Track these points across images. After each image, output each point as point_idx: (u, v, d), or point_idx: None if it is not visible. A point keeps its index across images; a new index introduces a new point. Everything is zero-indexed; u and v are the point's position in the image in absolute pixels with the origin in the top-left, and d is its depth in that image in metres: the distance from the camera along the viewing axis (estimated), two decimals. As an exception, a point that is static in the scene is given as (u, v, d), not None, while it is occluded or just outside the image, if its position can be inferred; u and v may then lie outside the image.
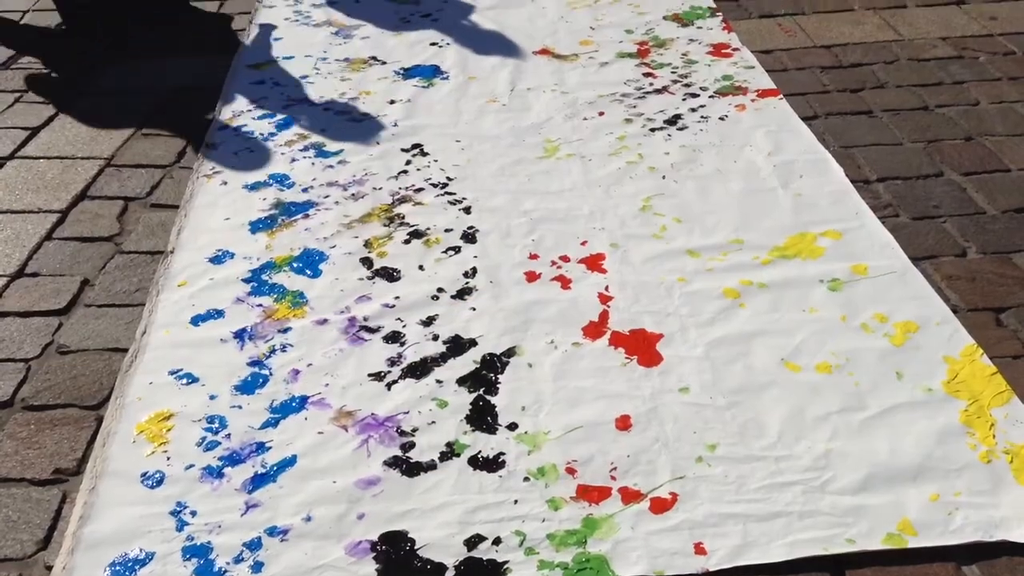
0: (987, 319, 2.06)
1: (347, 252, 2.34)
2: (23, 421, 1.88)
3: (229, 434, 1.83)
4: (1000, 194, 2.48)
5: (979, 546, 1.57)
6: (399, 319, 2.11)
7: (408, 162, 2.72)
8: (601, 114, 2.93)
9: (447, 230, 2.40)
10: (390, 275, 2.25)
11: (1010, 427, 1.78)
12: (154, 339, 2.06)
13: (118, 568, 1.58)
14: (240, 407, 1.89)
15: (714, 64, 3.20)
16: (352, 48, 3.45)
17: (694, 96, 3.00)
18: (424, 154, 2.76)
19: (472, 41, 3.47)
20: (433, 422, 1.84)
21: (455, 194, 2.55)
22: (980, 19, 3.48)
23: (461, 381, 1.94)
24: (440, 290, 2.19)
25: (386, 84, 3.18)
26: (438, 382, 1.94)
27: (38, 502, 1.71)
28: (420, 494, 1.69)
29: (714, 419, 1.82)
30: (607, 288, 2.18)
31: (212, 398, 1.91)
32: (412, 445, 1.79)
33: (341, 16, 3.72)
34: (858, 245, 2.28)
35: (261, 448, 1.79)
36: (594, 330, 2.06)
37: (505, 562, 1.57)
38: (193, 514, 1.66)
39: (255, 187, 2.62)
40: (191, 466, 1.76)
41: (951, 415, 1.81)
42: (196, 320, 2.12)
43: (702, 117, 2.88)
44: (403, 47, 3.44)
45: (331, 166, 2.71)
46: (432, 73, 3.25)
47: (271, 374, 1.97)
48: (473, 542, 1.60)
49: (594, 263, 2.27)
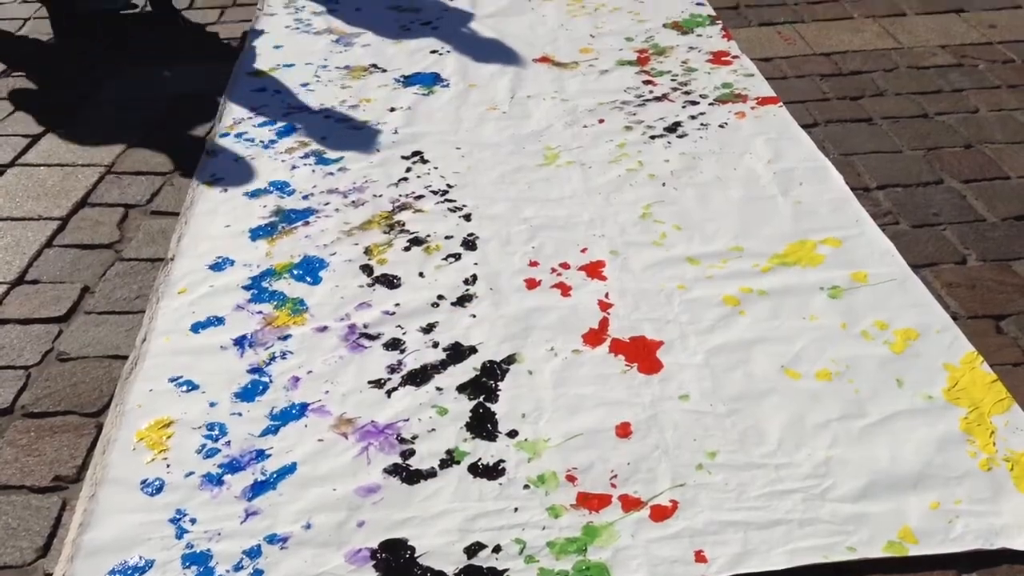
0: (987, 326, 2.06)
1: (347, 259, 2.34)
2: (23, 428, 1.88)
3: (229, 441, 1.83)
4: (1000, 201, 2.48)
5: (980, 554, 1.57)
6: (399, 326, 2.11)
7: (408, 169, 2.72)
8: (601, 121, 2.93)
9: (447, 237, 2.41)
10: (390, 282, 2.25)
11: (1010, 435, 1.77)
12: (154, 346, 2.06)
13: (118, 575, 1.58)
14: (240, 414, 1.89)
15: (714, 72, 3.21)
16: (352, 56, 3.46)
17: (694, 104, 3.01)
18: (424, 161, 2.76)
19: (472, 49, 3.48)
20: (433, 429, 1.84)
21: (455, 201, 2.56)
22: (979, 27, 3.49)
23: (461, 388, 1.94)
24: (440, 297, 2.19)
25: (386, 92, 3.18)
26: (438, 389, 1.94)
27: (38, 509, 1.71)
28: (420, 502, 1.69)
29: (714, 426, 1.82)
30: (607, 295, 2.18)
31: (212, 405, 1.91)
32: (412, 452, 1.79)
33: (341, 24, 3.73)
34: (858, 252, 2.29)
35: (261, 455, 1.79)
36: (594, 337, 2.06)
37: (505, 570, 1.57)
38: (193, 521, 1.66)
39: (255, 194, 2.62)
40: (191, 473, 1.76)
41: (951, 423, 1.81)
42: (196, 327, 2.12)
43: (702, 124, 2.88)
44: (403, 55, 3.45)
45: (331, 173, 2.71)
46: (432, 81, 3.25)
47: (271, 381, 1.97)
48: (473, 550, 1.60)
49: (594, 270, 2.27)
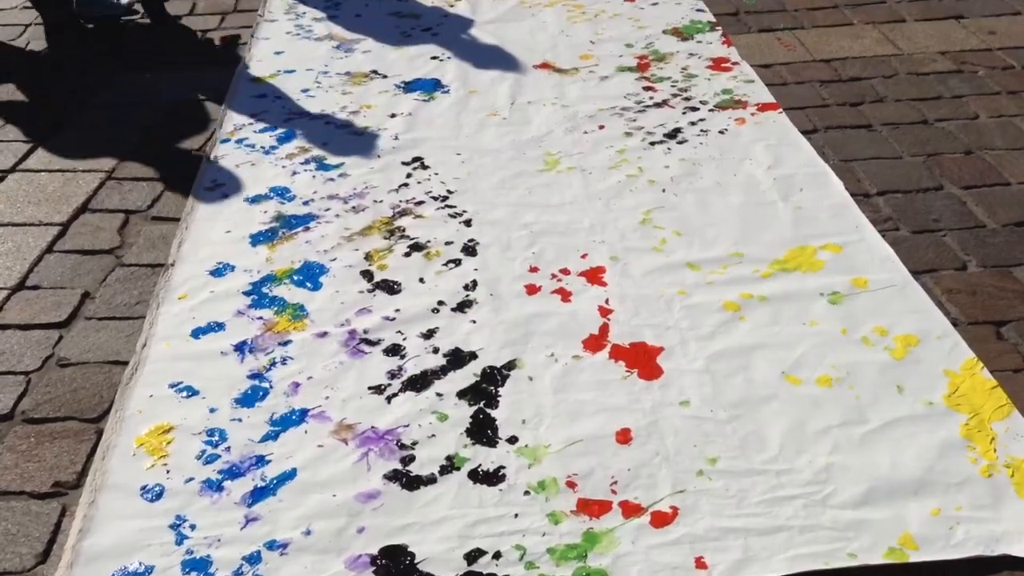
0: (987, 332, 2.06)
1: (348, 265, 2.34)
2: (23, 434, 1.88)
3: (229, 447, 1.82)
4: (1000, 208, 2.48)
5: (980, 560, 1.57)
6: (399, 332, 2.11)
7: (409, 175, 2.72)
8: (601, 127, 2.93)
9: (448, 243, 2.41)
10: (390, 288, 2.25)
11: (1011, 441, 1.77)
12: (154, 352, 2.06)
13: (117, 582, 1.58)
14: (240, 420, 1.89)
15: (714, 78, 3.21)
16: (353, 62, 3.46)
17: (694, 110, 3.01)
18: (425, 167, 2.76)
19: (473, 55, 3.48)
20: (433, 435, 1.84)
21: (456, 207, 2.56)
22: (979, 33, 3.50)
23: (461, 394, 1.93)
24: (440, 303, 2.19)
25: (387, 98, 3.19)
26: (438, 395, 1.93)
27: (37, 515, 1.71)
28: (420, 508, 1.69)
29: (715, 432, 1.82)
30: (607, 301, 2.18)
31: (212, 411, 1.91)
32: (412, 458, 1.79)
33: (342, 30, 3.74)
34: (858, 258, 2.29)
35: (261, 461, 1.79)
36: (594, 343, 2.06)
37: (505, 576, 1.57)
38: (193, 527, 1.66)
39: (256, 200, 2.62)
40: (191, 479, 1.76)
41: (952, 429, 1.81)
42: (196, 333, 2.12)
43: (702, 131, 2.89)
44: (404, 61, 3.46)
45: (332, 179, 2.71)
46: (433, 87, 3.26)
47: (271, 387, 1.97)
48: (473, 556, 1.60)
49: (594, 276, 2.27)
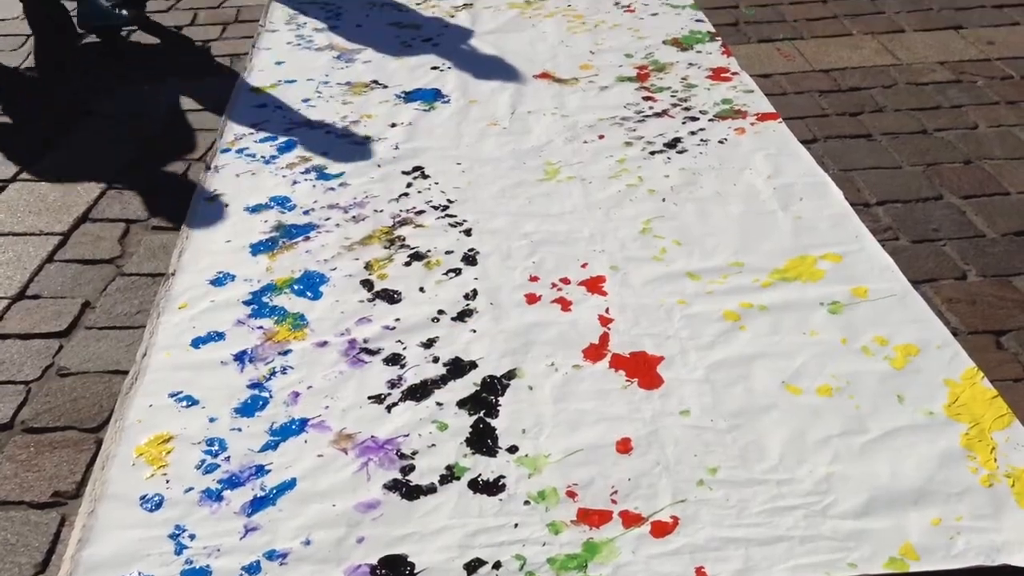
0: (987, 342, 2.06)
1: (348, 274, 2.34)
2: (22, 443, 1.88)
3: (229, 457, 1.82)
4: (1000, 217, 2.48)
5: (981, 570, 1.56)
6: (399, 341, 2.11)
7: (409, 184, 2.73)
8: (601, 137, 2.94)
9: (448, 252, 2.41)
10: (391, 297, 2.25)
11: (1011, 450, 1.77)
12: (154, 361, 2.06)
13: (116, 592, 1.57)
14: (240, 430, 1.89)
15: (713, 88, 3.22)
16: (354, 72, 3.47)
17: (694, 119, 3.02)
18: (425, 176, 2.77)
19: (473, 65, 3.49)
20: (433, 445, 1.84)
21: (456, 216, 2.56)
22: (977, 44, 3.51)
23: (461, 403, 1.93)
24: (440, 312, 2.19)
25: (387, 107, 3.19)
26: (438, 404, 1.93)
27: (37, 525, 1.71)
28: (420, 517, 1.69)
29: (715, 442, 1.82)
30: (607, 310, 2.18)
31: (212, 420, 1.91)
32: (412, 468, 1.79)
33: (343, 40, 3.75)
34: (858, 268, 2.29)
35: (261, 471, 1.79)
36: (594, 352, 2.06)
37: (505, 586, 1.56)
38: (192, 537, 1.66)
39: (256, 209, 2.63)
40: (190, 489, 1.75)
41: (952, 438, 1.80)
42: (197, 342, 2.12)
43: (702, 140, 2.89)
44: (404, 71, 3.46)
45: (332, 188, 2.72)
46: (433, 97, 3.26)
47: (271, 396, 1.97)
48: (473, 566, 1.59)
49: (594, 285, 2.27)
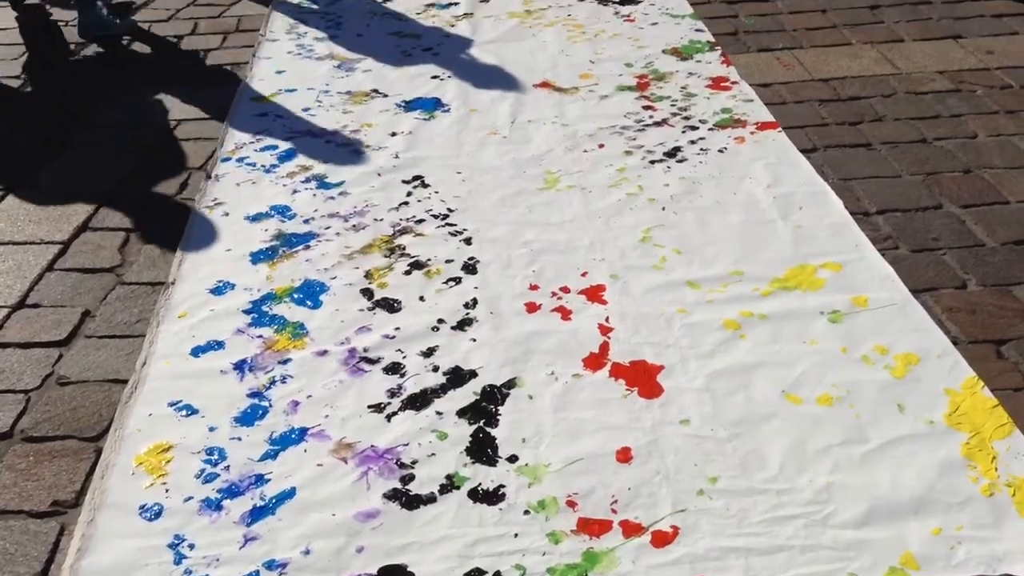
0: (988, 351, 2.06)
1: (348, 283, 2.34)
2: (22, 452, 1.88)
3: (228, 466, 1.82)
4: (999, 226, 2.49)
5: (983, 580, 1.57)
6: (399, 350, 2.11)
7: (409, 193, 2.73)
8: (601, 146, 2.94)
9: (448, 261, 2.41)
10: (391, 306, 2.25)
11: (1012, 460, 1.77)
12: (154, 370, 2.06)
13: (115, 602, 1.57)
14: (239, 439, 1.88)
15: (713, 97, 3.23)
16: (354, 81, 3.48)
17: (693, 129, 3.02)
18: (425, 185, 2.77)
19: (473, 74, 3.50)
20: (433, 454, 1.83)
21: (456, 225, 2.56)
22: (977, 53, 3.52)
23: (461, 413, 1.93)
24: (440, 321, 2.19)
25: (388, 116, 3.20)
26: (438, 414, 1.93)
27: (36, 534, 1.70)
28: (420, 527, 1.68)
29: (715, 451, 1.81)
30: (607, 319, 2.18)
31: (211, 430, 1.91)
32: (412, 477, 1.78)
33: (343, 50, 3.76)
34: (858, 277, 2.29)
35: (260, 480, 1.79)
36: (594, 361, 2.06)
37: (505, 596, 1.56)
38: (191, 547, 1.65)
39: (256, 218, 2.63)
40: (190, 498, 1.75)
41: (952, 448, 1.80)
42: (196, 351, 2.12)
43: (701, 149, 2.90)
44: (404, 80, 3.47)
45: (332, 197, 2.72)
46: (433, 106, 3.27)
47: (271, 406, 1.96)
48: (473, 576, 1.59)
49: (594, 294, 2.27)
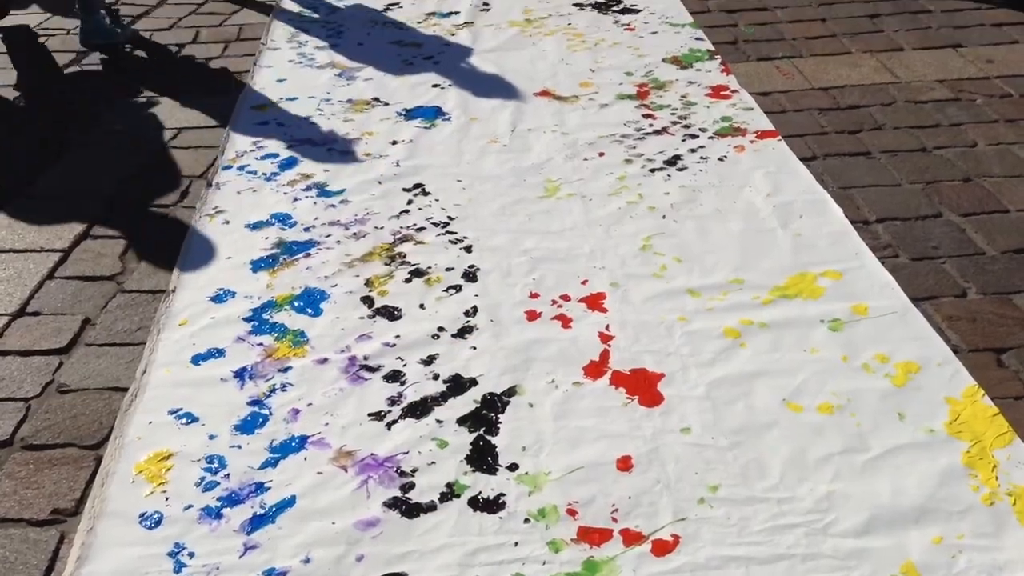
0: (988, 360, 2.06)
1: (348, 291, 2.34)
2: (22, 461, 1.87)
3: (228, 474, 1.82)
4: (999, 235, 2.49)
5: (984, 590, 1.56)
6: (399, 358, 2.11)
7: (410, 201, 2.73)
8: (601, 154, 2.95)
9: (448, 269, 2.41)
10: (391, 314, 2.25)
11: (1012, 469, 1.77)
12: (154, 378, 2.06)
13: (114, 610, 1.56)
14: (239, 447, 1.88)
15: (713, 106, 3.23)
16: (355, 90, 3.48)
17: (693, 137, 3.03)
18: (426, 194, 2.77)
19: (473, 83, 3.51)
20: (433, 462, 1.83)
21: (456, 233, 2.57)
22: (976, 62, 3.52)
23: (461, 421, 1.93)
24: (441, 329, 2.19)
25: (388, 125, 3.20)
26: (438, 422, 1.93)
27: (36, 543, 1.70)
28: (420, 535, 1.68)
29: (716, 460, 1.81)
30: (608, 327, 2.18)
31: (212, 438, 1.90)
32: (412, 486, 1.78)
33: (344, 58, 3.77)
34: (858, 285, 2.29)
35: (260, 488, 1.78)
36: (595, 369, 2.06)
37: (505, 605, 1.56)
38: (191, 555, 1.65)
39: (257, 226, 2.63)
40: (190, 506, 1.75)
41: (953, 456, 1.80)
42: (197, 359, 2.12)
43: (701, 158, 2.90)
44: (405, 89, 3.48)
45: (333, 205, 2.72)
46: (434, 114, 3.28)
47: (271, 414, 1.96)
48: (473, 584, 1.59)
49: (595, 302, 2.27)
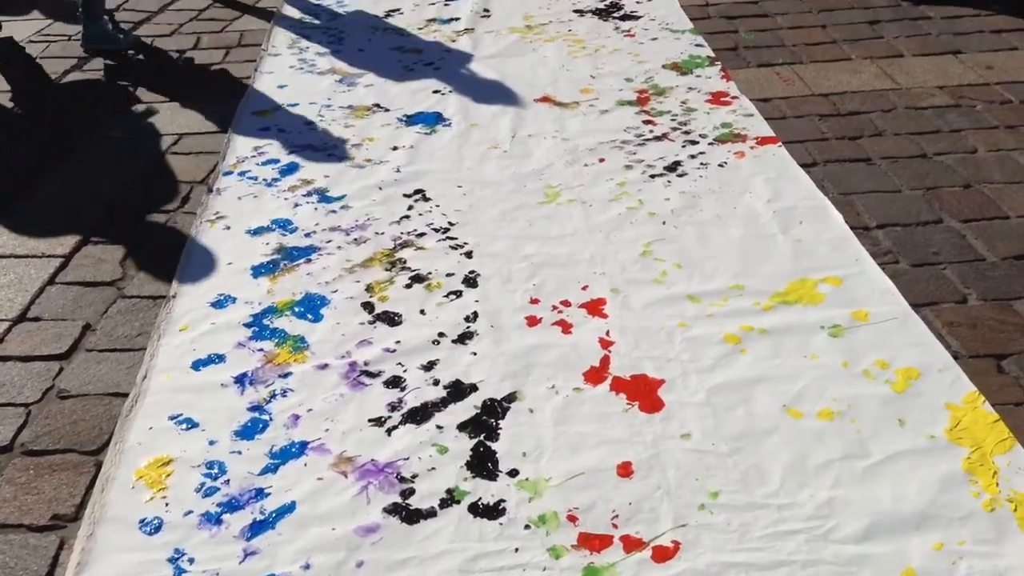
0: (988, 366, 2.06)
1: (349, 296, 2.34)
2: (22, 466, 1.87)
3: (228, 480, 1.82)
4: (999, 241, 2.49)
5: (985, 596, 1.56)
6: (400, 364, 2.11)
7: (410, 207, 2.73)
8: (602, 160, 2.95)
9: (448, 275, 2.41)
10: (391, 319, 2.25)
11: (1013, 475, 1.76)
12: (155, 384, 2.06)
13: (114, 616, 1.56)
14: (240, 452, 1.88)
15: (713, 112, 3.24)
16: (356, 96, 3.49)
17: (694, 143, 3.03)
18: (426, 199, 2.77)
19: (474, 89, 3.51)
20: (433, 468, 1.83)
21: (457, 239, 2.57)
22: (976, 68, 3.53)
23: (462, 427, 1.93)
24: (441, 334, 2.19)
25: (389, 131, 3.21)
26: (438, 427, 1.93)
27: (36, 548, 1.70)
28: (420, 542, 1.68)
29: (716, 466, 1.81)
30: (608, 333, 2.18)
31: (212, 443, 1.90)
32: (412, 492, 1.78)
33: (345, 64, 3.77)
34: (859, 291, 2.29)
35: (260, 494, 1.78)
36: (595, 375, 2.06)
37: (505, 611, 1.55)
38: (191, 561, 1.65)
39: (258, 232, 2.63)
40: (190, 512, 1.75)
41: (954, 463, 1.80)
42: (197, 365, 2.12)
43: (702, 164, 2.90)
44: (406, 95, 3.49)
45: (334, 211, 2.72)
46: (435, 120, 3.28)
47: (271, 419, 1.96)
48: (473, 591, 1.59)
49: (595, 308, 2.27)
